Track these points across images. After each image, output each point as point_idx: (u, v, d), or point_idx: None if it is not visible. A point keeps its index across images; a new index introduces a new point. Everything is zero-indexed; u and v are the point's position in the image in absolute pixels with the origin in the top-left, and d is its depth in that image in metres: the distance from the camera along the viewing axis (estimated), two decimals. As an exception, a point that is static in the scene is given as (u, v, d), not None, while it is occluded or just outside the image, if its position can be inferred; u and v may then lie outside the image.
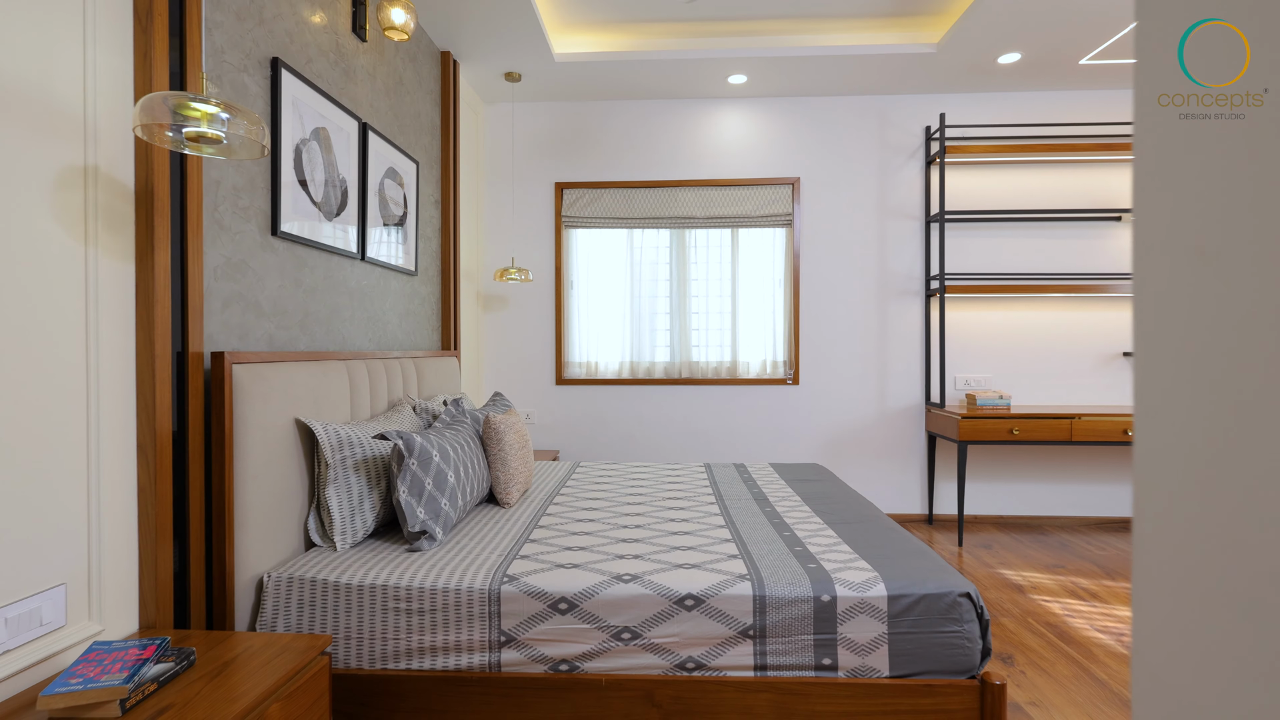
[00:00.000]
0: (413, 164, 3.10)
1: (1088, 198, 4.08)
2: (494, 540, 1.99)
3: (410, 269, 3.08)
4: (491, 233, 4.32)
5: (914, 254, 4.16)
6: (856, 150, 4.18)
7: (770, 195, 4.18)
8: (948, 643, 1.60)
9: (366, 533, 1.96)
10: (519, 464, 2.48)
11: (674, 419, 4.24)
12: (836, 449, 4.20)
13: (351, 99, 2.54)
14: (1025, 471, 4.13)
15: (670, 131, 4.23)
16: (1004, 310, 4.13)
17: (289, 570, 1.71)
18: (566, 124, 4.26)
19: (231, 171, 1.83)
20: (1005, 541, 3.76)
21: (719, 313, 4.24)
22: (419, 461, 1.94)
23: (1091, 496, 4.11)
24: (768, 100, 4.20)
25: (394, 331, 2.93)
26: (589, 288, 4.30)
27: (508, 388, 4.31)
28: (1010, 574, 3.22)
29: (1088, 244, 4.09)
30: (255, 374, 1.74)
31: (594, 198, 4.24)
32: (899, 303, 4.17)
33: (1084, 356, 4.10)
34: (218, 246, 1.78)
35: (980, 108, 4.11)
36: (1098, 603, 2.85)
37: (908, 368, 4.17)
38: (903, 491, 4.19)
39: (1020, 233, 4.12)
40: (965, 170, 4.13)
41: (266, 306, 1.99)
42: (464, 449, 2.22)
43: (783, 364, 4.24)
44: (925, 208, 4.14)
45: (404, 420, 2.41)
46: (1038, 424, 3.61)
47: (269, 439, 1.78)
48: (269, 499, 1.78)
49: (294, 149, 2.12)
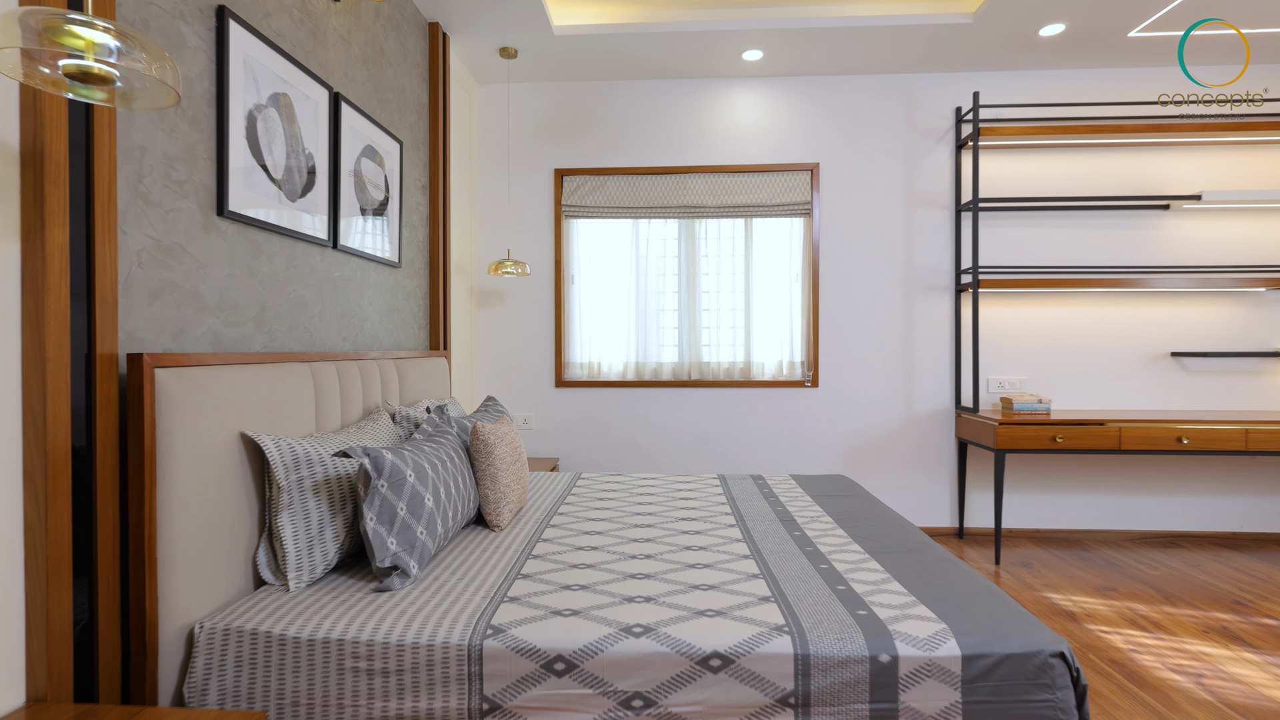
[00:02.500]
0: (395, 144, 2.79)
1: (1133, 184, 3.76)
2: (479, 575, 1.68)
3: (393, 260, 2.77)
4: (487, 223, 4.01)
5: (943, 245, 3.85)
6: (881, 133, 3.86)
7: (787, 182, 3.87)
8: (1035, 714, 1.29)
9: (328, 567, 1.65)
10: (511, 480, 2.17)
11: (683, 425, 3.93)
12: (859, 457, 3.89)
13: (321, 64, 2.24)
14: (1063, 481, 3.82)
15: (679, 114, 3.92)
16: (1040, 307, 3.82)
17: (226, 619, 1.41)
18: (566, 106, 3.95)
19: (162, 136, 1.53)
20: (1045, 559, 3.45)
21: (731, 310, 3.93)
22: (390, 483, 1.64)
23: (1136, 509, 3.79)
24: (784, 79, 3.89)
25: (374, 329, 2.63)
26: (591, 283, 3.99)
27: (503, 391, 4.00)
28: (1058, 598, 2.90)
29: (1133, 235, 3.77)
30: (188, 380, 1.44)
31: (596, 185, 3.93)
32: (926, 298, 3.86)
33: (1127, 357, 3.79)
34: (143, 226, 1.47)
35: (1016, 86, 3.79)
36: (1163, 634, 2.54)
37: (936, 369, 3.85)
38: (931, 503, 3.87)
39: (1058, 223, 3.80)
40: (999, 155, 3.81)
41: (211, 299, 1.69)
42: (447, 465, 1.91)
43: (800, 365, 3.93)
44: (955, 195, 3.82)
45: (379, 431, 2.11)
46: (1083, 431, 3.29)
47: (206, 457, 1.48)
48: (204, 530, 1.47)
49: (246, 115, 1.81)
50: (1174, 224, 3.74)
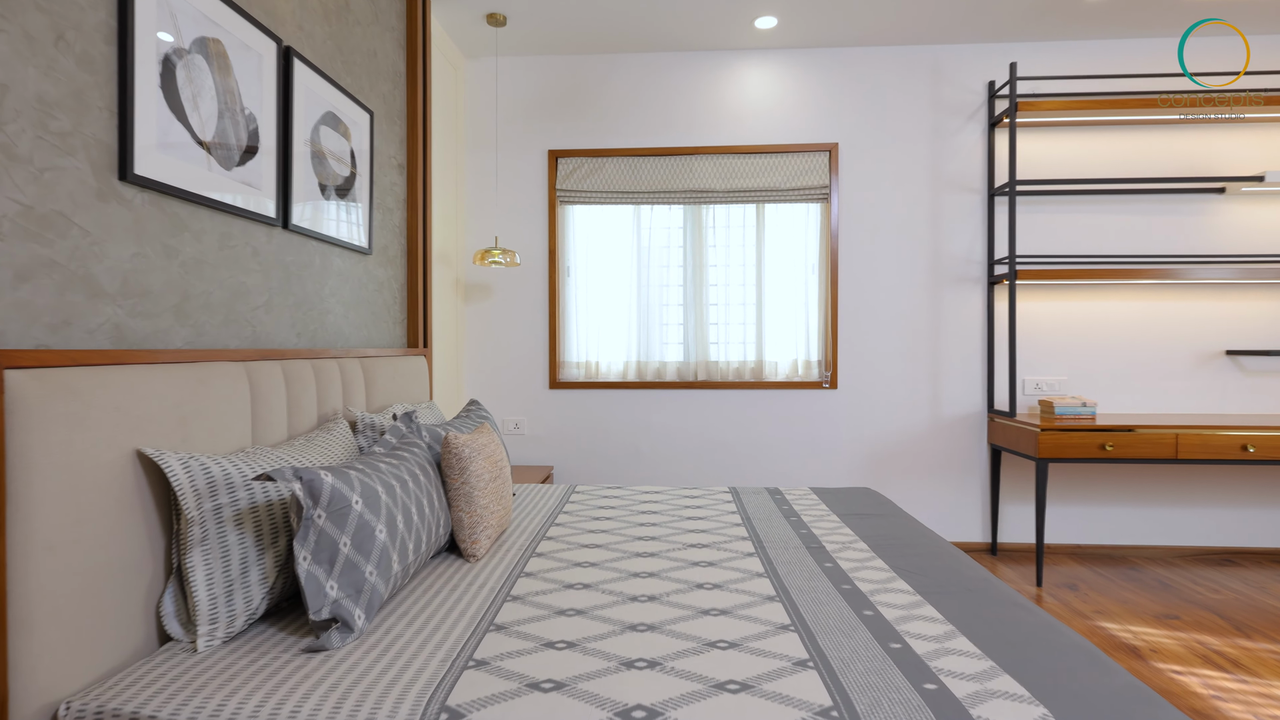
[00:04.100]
0: (365, 114, 2.47)
1: (1186, 165, 3.42)
2: (443, 626, 1.35)
3: (362, 245, 2.44)
4: (475, 210, 3.68)
5: (974, 233, 3.51)
6: (906, 111, 3.52)
7: (803, 164, 3.53)
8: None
9: (252, 617, 1.32)
10: (490, 499, 1.84)
11: (688, 429, 3.60)
12: (881, 464, 3.55)
13: (267, 11, 1.91)
14: (1105, 492, 3.48)
15: (685, 89, 3.59)
16: (1079, 300, 3.48)
17: (103, 697, 1.08)
18: (561, 81, 3.62)
19: (33, 74, 1.20)
20: (1091, 579, 3.11)
21: (741, 304, 3.60)
22: (329, 513, 1.31)
23: (1185, 522, 3.45)
24: (800, 52, 3.55)
25: (337, 324, 2.30)
26: (588, 275, 3.66)
27: (493, 393, 3.67)
28: (1115, 629, 2.57)
29: (1184, 221, 3.43)
30: (57, 384, 1.11)
31: (594, 168, 3.60)
32: (956, 291, 3.52)
33: (1177, 355, 3.45)
34: (3, 188, 1.15)
35: (1055, 58, 3.45)
36: (1244, 675, 2.21)
37: (966, 368, 3.52)
38: (959, 515, 3.54)
39: (1101, 208, 3.46)
40: (1036, 134, 3.48)
41: (110, 283, 1.36)
42: (409, 485, 1.58)
43: (817, 364, 3.59)
44: (987, 178, 3.48)
45: (333, 443, 1.78)
46: (1135, 438, 2.96)
47: (87, 484, 1.15)
48: (82, 578, 1.14)
49: (161, 60, 1.48)
50: (1230, 209, 3.40)
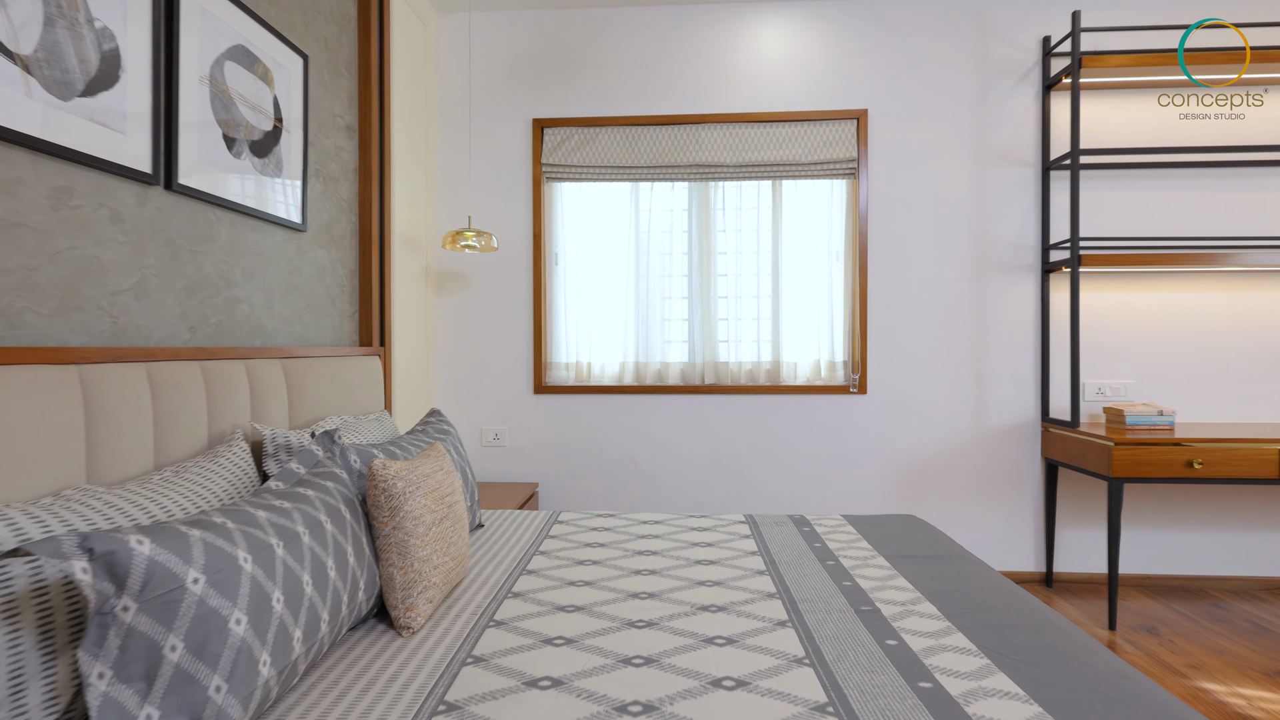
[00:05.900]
0: (296, 56, 2.00)
1: (1274, 133, 2.94)
2: (328, 770, 0.88)
3: (292, 220, 1.97)
4: (449, 187, 3.21)
5: (1025, 213, 3.03)
6: (945, 72, 3.05)
7: (827, 134, 3.06)
8: None
9: (29, 762, 0.86)
10: (434, 549, 1.37)
11: (694, 441, 3.13)
12: (917, 482, 3.08)
13: (140, -100, 1.44)
14: (1177, 514, 3.00)
15: (691, 49, 3.11)
16: (1148, 291, 3.00)
17: None
18: (548, 41, 3.15)
19: None
20: (1170, 620, 2.64)
21: (755, 297, 3.13)
22: (145, 602, 0.84)
23: (1267, 550, 2.97)
24: (824, 5, 3.08)
25: (254, 316, 1.83)
26: (579, 262, 3.19)
27: (470, 398, 3.20)
28: (1221, 692, 2.09)
29: (1270, 199, 2.95)
30: None
31: (585, 140, 3.13)
32: (1004, 281, 3.04)
33: (1264, 355, 2.97)
34: None
35: (1121, 8, 2.98)
36: (1407, 763, 1.73)
37: (1016, 370, 3.04)
38: (1008, 541, 3.06)
39: (1176, 183, 2.98)
40: (1100, 97, 3.00)
41: None
42: (309, 537, 1.12)
43: (843, 366, 3.12)
44: (1041, 149, 3.01)
45: (216, 475, 1.31)
46: (1230, 453, 2.48)
47: None
48: None
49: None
50: (1327, 184, 2.92)
